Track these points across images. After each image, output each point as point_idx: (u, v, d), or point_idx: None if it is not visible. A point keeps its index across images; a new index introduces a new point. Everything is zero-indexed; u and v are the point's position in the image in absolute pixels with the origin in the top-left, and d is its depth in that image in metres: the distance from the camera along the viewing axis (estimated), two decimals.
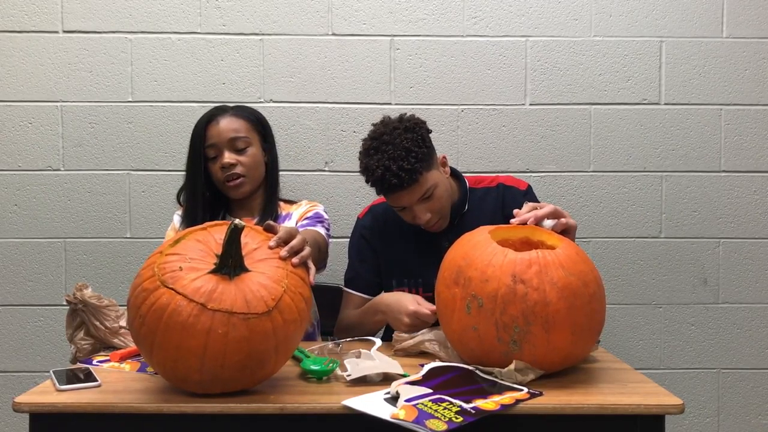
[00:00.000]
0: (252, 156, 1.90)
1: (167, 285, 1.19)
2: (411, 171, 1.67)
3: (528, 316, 1.27)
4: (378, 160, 1.68)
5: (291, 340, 1.26)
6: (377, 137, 1.72)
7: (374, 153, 1.70)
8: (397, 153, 1.67)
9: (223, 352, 1.17)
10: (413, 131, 1.71)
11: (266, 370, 1.25)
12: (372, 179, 1.71)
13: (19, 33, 2.31)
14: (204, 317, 1.16)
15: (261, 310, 1.19)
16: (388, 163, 1.66)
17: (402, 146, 1.68)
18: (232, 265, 1.23)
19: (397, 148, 1.67)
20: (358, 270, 1.92)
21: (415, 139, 1.70)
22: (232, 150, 1.88)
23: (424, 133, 1.74)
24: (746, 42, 2.37)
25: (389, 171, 1.66)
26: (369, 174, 1.71)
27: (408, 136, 1.69)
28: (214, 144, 1.88)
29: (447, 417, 1.13)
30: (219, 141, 1.88)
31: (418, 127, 1.74)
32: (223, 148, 1.88)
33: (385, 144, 1.69)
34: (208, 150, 1.89)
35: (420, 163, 1.68)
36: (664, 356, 2.40)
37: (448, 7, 2.34)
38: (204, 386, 1.22)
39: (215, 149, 1.89)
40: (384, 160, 1.67)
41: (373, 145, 1.72)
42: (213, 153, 1.89)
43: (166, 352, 1.18)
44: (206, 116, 1.92)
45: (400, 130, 1.71)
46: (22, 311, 2.34)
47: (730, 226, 2.39)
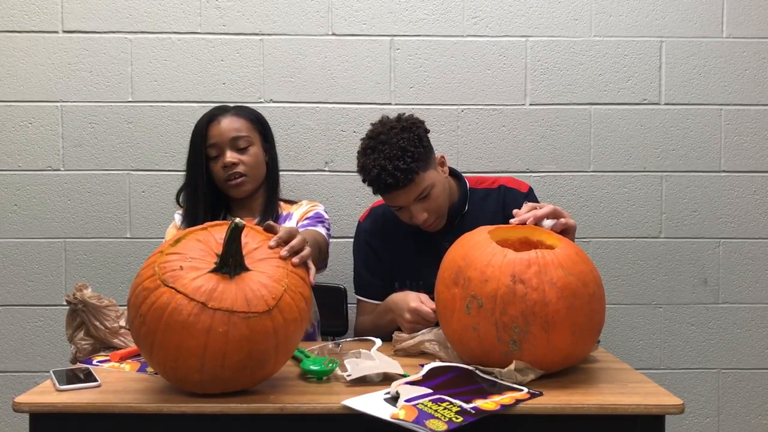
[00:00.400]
0: (253, 155, 1.91)
1: (168, 284, 1.18)
2: (407, 170, 1.67)
3: (527, 316, 1.27)
4: (374, 159, 1.68)
5: (291, 339, 1.26)
6: (374, 136, 1.72)
7: (371, 152, 1.70)
8: (393, 152, 1.67)
9: (224, 351, 1.17)
10: (410, 131, 1.71)
11: (266, 369, 1.25)
12: (368, 178, 1.71)
13: (19, 33, 2.31)
14: (204, 316, 1.16)
15: (261, 309, 1.19)
16: (384, 163, 1.67)
17: (398, 146, 1.68)
18: (232, 264, 1.23)
19: (393, 148, 1.67)
20: (366, 277, 1.93)
21: (412, 138, 1.70)
22: (234, 149, 1.88)
23: (421, 132, 1.74)
24: (746, 42, 2.37)
25: (385, 170, 1.66)
26: (365, 173, 1.72)
27: (405, 136, 1.69)
28: (215, 143, 1.89)
29: (447, 417, 1.13)
30: (221, 140, 1.88)
31: (415, 126, 1.74)
32: (225, 148, 1.88)
33: (382, 143, 1.69)
34: (209, 149, 1.90)
35: (416, 162, 1.68)
36: (664, 356, 2.40)
37: (448, 7, 2.34)
38: (204, 386, 1.22)
39: (217, 149, 1.89)
40: (380, 160, 1.67)
41: (370, 144, 1.72)
42: (214, 152, 1.89)
43: (167, 351, 1.18)
44: (207, 116, 1.92)
45: (397, 129, 1.71)
46: (22, 311, 2.34)
47: (730, 226, 2.39)
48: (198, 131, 1.91)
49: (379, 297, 1.89)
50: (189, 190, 1.93)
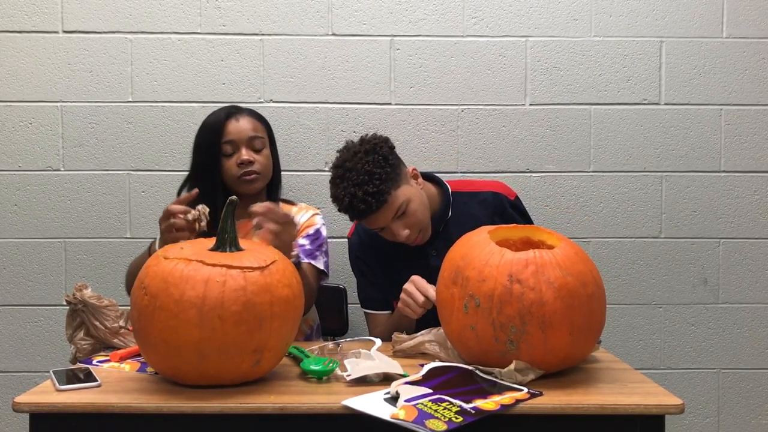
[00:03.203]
0: (267, 157, 1.97)
1: (169, 257, 1.28)
2: (376, 193, 1.68)
3: (524, 316, 1.27)
4: (344, 188, 1.70)
5: (286, 307, 1.28)
6: (341, 164, 1.74)
7: (339, 181, 1.72)
8: (360, 178, 1.68)
9: (221, 300, 1.21)
10: (374, 152, 1.72)
11: (263, 335, 1.25)
12: (342, 207, 1.74)
13: (19, 33, 2.31)
14: (203, 270, 1.24)
15: (256, 265, 1.27)
16: (353, 190, 1.68)
17: (364, 170, 1.69)
18: (228, 241, 1.33)
19: (359, 173, 1.69)
20: (368, 290, 1.94)
21: (377, 160, 1.71)
22: (251, 148, 1.93)
23: (385, 151, 1.74)
24: (746, 42, 2.37)
25: (356, 197, 1.68)
26: (338, 203, 1.74)
27: (369, 159, 1.70)
28: (232, 141, 1.92)
29: (447, 417, 1.13)
30: (238, 138, 1.92)
31: (378, 147, 1.74)
32: (242, 146, 1.92)
33: (348, 171, 1.71)
34: (225, 146, 1.92)
35: (385, 183, 1.69)
36: (664, 356, 2.40)
37: (448, 7, 2.34)
38: (202, 349, 1.22)
39: (233, 146, 1.92)
40: (349, 188, 1.69)
41: (338, 173, 1.74)
42: (230, 150, 1.92)
43: (167, 311, 1.22)
44: (224, 112, 1.95)
45: (361, 153, 1.72)
46: (22, 311, 2.34)
47: (730, 226, 2.39)
48: (215, 126, 1.93)
49: (386, 307, 1.89)
50: (206, 182, 1.89)
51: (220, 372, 1.25)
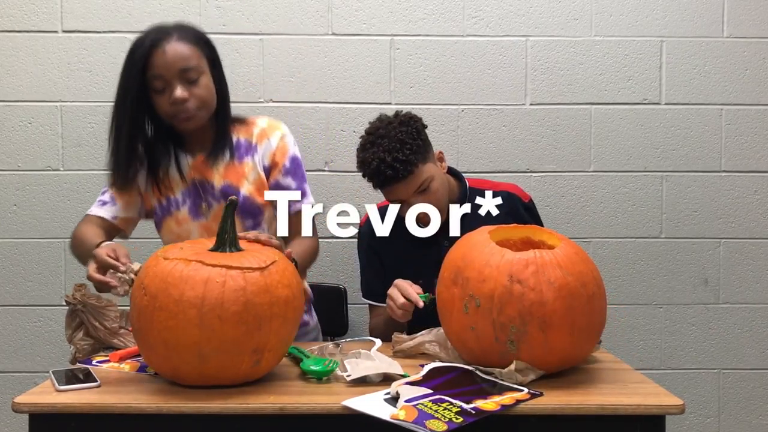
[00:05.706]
0: (205, 87, 1.66)
1: (168, 258, 1.27)
2: (406, 162, 1.69)
3: (524, 317, 1.27)
4: (373, 153, 1.71)
5: (286, 307, 1.27)
6: (373, 132, 1.76)
7: (370, 147, 1.74)
8: (392, 145, 1.70)
9: (221, 300, 1.21)
10: (408, 124, 1.75)
11: (262, 336, 1.25)
12: (368, 172, 1.74)
13: (19, 33, 2.31)
14: (203, 270, 1.23)
15: (256, 266, 1.27)
16: (383, 155, 1.69)
17: (396, 138, 1.71)
18: (227, 241, 1.33)
19: (392, 141, 1.71)
20: (372, 281, 1.94)
21: (410, 131, 1.73)
22: (184, 82, 1.62)
23: (419, 126, 1.77)
24: (747, 42, 2.37)
25: (384, 162, 1.69)
26: (365, 167, 1.74)
27: (403, 129, 1.73)
28: (160, 75, 1.61)
29: (447, 417, 1.13)
30: (167, 72, 1.61)
31: (413, 120, 1.77)
32: (173, 81, 1.62)
33: (381, 137, 1.72)
34: (154, 81, 1.63)
35: (415, 154, 1.71)
36: (664, 356, 2.40)
37: (448, 7, 2.34)
38: (202, 350, 1.21)
39: (162, 81, 1.62)
40: (379, 153, 1.70)
41: (369, 139, 1.75)
42: (160, 85, 1.63)
43: (167, 311, 1.21)
44: (148, 40, 1.62)
45: (395, 123, 1.75)
46: (21, 311, 2.34)
47: (731, 226, 2.39)
48: (137, 59, 1.61)
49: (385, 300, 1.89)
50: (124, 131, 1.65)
51: (219, 372, 1.25)
